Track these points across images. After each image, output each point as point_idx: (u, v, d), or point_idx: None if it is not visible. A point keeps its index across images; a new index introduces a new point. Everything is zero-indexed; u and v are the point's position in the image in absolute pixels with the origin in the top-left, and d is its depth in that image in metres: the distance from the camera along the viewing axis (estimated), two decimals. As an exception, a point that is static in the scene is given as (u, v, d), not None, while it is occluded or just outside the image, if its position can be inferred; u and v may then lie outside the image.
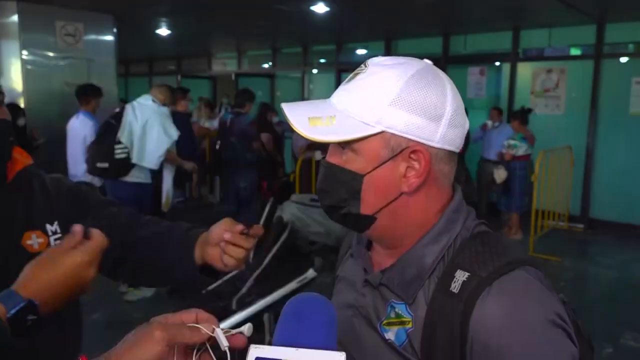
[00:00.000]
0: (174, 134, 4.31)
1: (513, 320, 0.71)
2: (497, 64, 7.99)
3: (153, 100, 4.33)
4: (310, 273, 2.51)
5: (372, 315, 0.86)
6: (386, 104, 0.76)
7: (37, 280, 0.87)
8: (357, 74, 0.81)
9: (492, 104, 8.05)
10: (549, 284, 0.77)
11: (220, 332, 0.64)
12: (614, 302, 4.54)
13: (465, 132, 0.82)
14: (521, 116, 6.14)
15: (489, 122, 6.75)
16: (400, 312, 0.82)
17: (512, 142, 6.09)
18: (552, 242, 6.17)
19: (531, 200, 5.97)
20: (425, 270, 0.80)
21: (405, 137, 0.77)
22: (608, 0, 5.57)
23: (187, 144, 5.33)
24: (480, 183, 6.82)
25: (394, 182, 0.79)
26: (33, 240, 1.12)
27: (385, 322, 0.83)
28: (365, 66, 0.81)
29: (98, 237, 0.91)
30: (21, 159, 1.17)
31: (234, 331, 0.65)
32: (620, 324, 4.00)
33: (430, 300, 0.78)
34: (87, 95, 4.84)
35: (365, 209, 0.80)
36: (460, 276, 0.75)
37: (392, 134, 0.77)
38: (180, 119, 5.47)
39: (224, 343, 0.63)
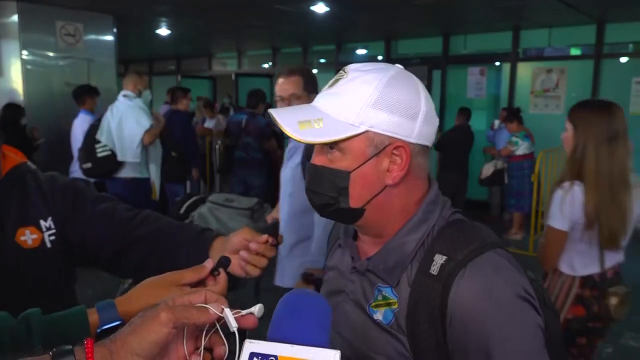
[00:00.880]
0: (146, 122, 4.24)
1: (486, 296, 0.80)
2: (497, 64, 7.99)
3: (124, 95, 4.30)
4: None
5: (361, 299, 0.94)
6: (368, 106, 0.83)
7: (141, 301, 0.86)
8: (338, 79, 0.88)
9: (492, 104, 8.06)
10: (516, 263, 0.87)
11: (229, 312, 0.63)
12: (614, 302, 4.53)
13: (436, 129, 0.90)
14: (517, 117, 6.15)
15: (496, 122, 6.76)
16: (386, 294, 0.90)
17: (513, 139, 6.09)
18: (552, 242, 6.15)
19: (531, 200, 5.97)
20: (407, 256, 0.89)
21: (387, 135, 0.85)
22: (608, 0, 5.57)
23: (188, 143, 5.35)
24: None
25: (378, 177, 0.87)
26: (27, 236, 1.13)
27: (373, 304, 0.92)
28: (345, 72, 0.88)
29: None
30: (13, 157, 1.18)
31: (244, 312, 0.64)
32: (620, 324, 3.97)
33: (412, 282, 0.87)
34: (82, 95, 5.02)
35: (355, 202, 0.88)
36: (439, 259, 0.84)
37: (376, 133, 0.84)
38: (181, 118, 5.49)
39: (233, 324, 0.62)
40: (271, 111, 0.86)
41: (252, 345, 0.58)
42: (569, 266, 2.12)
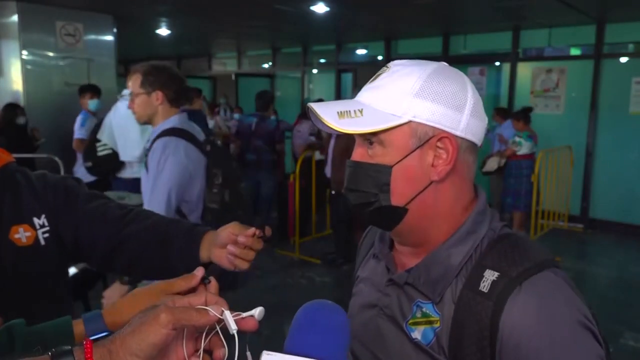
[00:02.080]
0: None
1: (543, 320, 0.72)
2: (497, 64, 7.99)
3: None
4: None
5: (397, 315, 0.86)
6: (411, 95, 0.79)
7: (128, 312, 0.85)
8: (380, 74, 0.84)
9: (492, 104, 8.05)
10: (574, 286, 0.78)
11: (229, 314, 0.62)
12: (614, 302, 4.53)
13: (486, 127, 0.85)
14: (524, 116, 6.15)
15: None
16: (427, 311, 0.82)
17: (517, 139, 6.09)
18: (552, 242, 6.17)
19: (531, 200, 5.97)
20: (453, 270, 0.81)
21: (431, 126, 0.79)
22: (608, 0, 5.57)
23: None
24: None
25: (422, 171, 0.80)
26: (20, 234, 1.13)
27: (411, 321, 0.84)
28: (388, 67, 0.85)
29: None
30: (2, 155, 1.18)
31: (244, 314, 0.64)
32: (620, 324, 4.00)
33: (457, 299, 0.78)
34: (79, 95, 5.14)
35: (397, 200, 0.81)
36: (490, 275, 0.76)
37: (419, 123, 0.79)
38: (197, 118, 5.55)
39: (233, 326, 0.62)
40: (311, 104, 0.82)
41: (269, 357, 0.58)
42: None
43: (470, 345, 0.75)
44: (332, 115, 0.79)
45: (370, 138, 0.81)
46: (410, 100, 0.79)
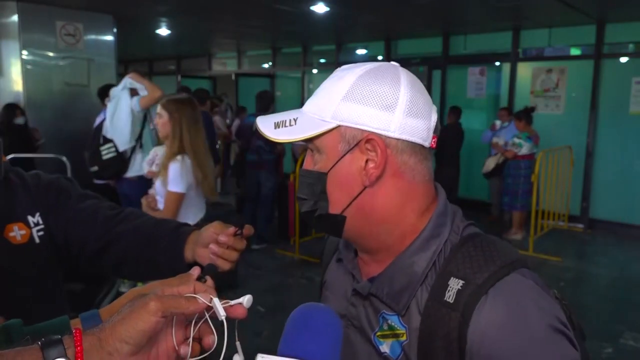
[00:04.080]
0: (136, 106, 4.15)
1: (512, 328, 0.70)
2: (497, 64, 7.99)
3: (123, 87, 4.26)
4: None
5: (365, 326, 0.84)
6: (339, 99, 0.78)
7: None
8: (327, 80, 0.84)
9: (492, 104, 8.06)
10: (544, 284, 0.76)
11: (218, 302, 0.64)
12: (614, 302, 4.54)
13: (432, 124, 0.80)
14: (526, 116, 6.16)
15: (498, 122, 6.75)
16: (393, 324, 0.80)
17: (517, 140, 6.10)
18: (552, 242, 6.17)
19: (529, 200, 5.97)
20: (417, 278, 0.78)
21: (359, 129, 0.77)
22: (608, 0, 5.57)
23: (212, 143, 5.54)
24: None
25: (355, 176, 0.78)
26: (15, 232, 1.14)
27: (379, 333, 0.82)
28: (335, 71, 0.84)
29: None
30: None
31: (232, 302, 0.65)
32: (620, 324, 4.00)
33: (423, 310, 0.76)
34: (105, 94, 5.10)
35: (334, 208, 0.80)
36: (455, 284, 0.73)
37: (347, 127, 0.78)
38: (207, 119, 5.59)
39: (221, 313, 0.63)
40: (257, 119, 0.85)
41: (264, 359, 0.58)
42: (189, 218, 2.84)
43: (439, 358, 0.73)
44: (269, 126, 0.82)
45: (310, 146, 0.82)
46: (338, 105, 0.78)
